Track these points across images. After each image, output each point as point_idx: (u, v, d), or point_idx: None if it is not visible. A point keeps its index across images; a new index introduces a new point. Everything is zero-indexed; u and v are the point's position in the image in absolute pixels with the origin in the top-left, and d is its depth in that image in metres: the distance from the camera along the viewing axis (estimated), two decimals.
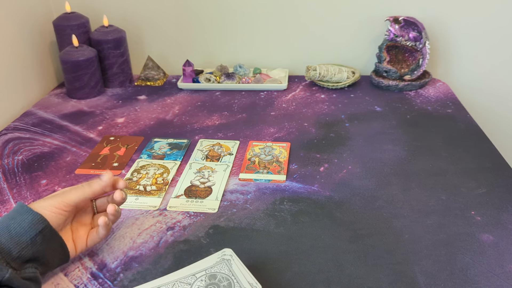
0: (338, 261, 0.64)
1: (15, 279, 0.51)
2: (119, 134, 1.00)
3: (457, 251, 0.65)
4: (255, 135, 0.98)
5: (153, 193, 0.79)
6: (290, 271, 0.62)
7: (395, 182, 0.81)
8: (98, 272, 0.63)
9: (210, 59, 1.31)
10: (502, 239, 0.67)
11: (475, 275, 0.61)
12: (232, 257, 0.58)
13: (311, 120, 1.04)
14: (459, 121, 1.02)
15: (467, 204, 0.75)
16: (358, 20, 1.23)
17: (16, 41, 1.11)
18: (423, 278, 0.61)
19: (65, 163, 0.89)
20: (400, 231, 0.69)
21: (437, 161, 0.87)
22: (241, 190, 0.80)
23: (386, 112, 1.07)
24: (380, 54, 1.19)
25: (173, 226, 0.71)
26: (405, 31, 1.18)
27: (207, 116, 1.07)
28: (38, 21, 1.20)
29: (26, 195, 0.80)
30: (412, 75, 1.17)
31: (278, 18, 1.25)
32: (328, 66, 1.19)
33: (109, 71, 1.21)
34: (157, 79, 1.25)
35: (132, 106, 1.13)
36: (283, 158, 0.89)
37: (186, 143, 0.95)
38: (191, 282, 0.55)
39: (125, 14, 1.27)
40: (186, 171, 0.85)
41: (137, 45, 1.31)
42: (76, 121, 1.06)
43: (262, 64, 1.30)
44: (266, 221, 0.72)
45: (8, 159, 0.90)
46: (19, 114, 1.10)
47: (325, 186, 0.80)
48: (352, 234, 0.69)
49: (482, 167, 0.84)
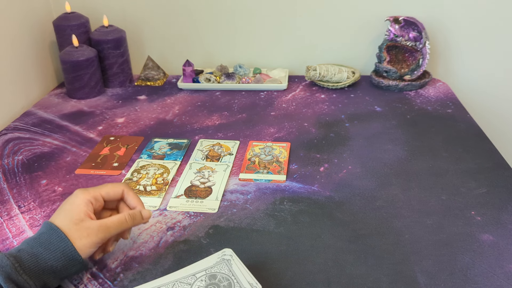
0: (338, 261, 0.64)
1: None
2: (119, 134, 1.00)
3: (457, 251, 0.65)
4: (255, 135, 0.98)
5: (153, 193, 0.79)
6: (290, 271, 0.62)
7: (395, 182, 0.81)
8: (98, 272, 0.63)
9: (210, 59, 1.31)
10: (502, 239, 0.67)
11: (475, 275, 0.61)
12: (232, 257, 0.58)
13: (311, 120, 1.04)
14: (459, 121, 1.02)
15: (467, 204, 0.75)
16: (358, 20, 1.23)
17: (16, 41, 1.11)
18: (423, 278, 0.61)
19: (65, 163, 0.89)
20: (400, 231, 0.69)
21: (437, 161, 0.87)
22: (241, 190, 0.80)
23: (386, 112, 1.07)
24: (380, 54, 1.19)
25: (173, 226, 0.71)
26: (405, 31, 1.18)
27: (207, 116, 1.07)
28: (38, 21, 1.20)
29: (26, 195, 0.80)
30: (412, 75, 1.17)
31: (278, 18, 1.25)
32: (328, 66, 1.19)
33: (109, 71, 1.21)
34: (157, 79, 1.25)
35: (132, 106, 1.13)
36: (283, 158, 0.89)
37: (186, 143, 0.95)
38: (191, 282, 0.55)
39: (125, 14, 1.27)
40: (186, 171, 0.85)
41: (137, 45, 1.31)
42: (76, 121, 1.06)
43: (262, 64, 1.30)
44: (266, 221, 0.72)
45: (8, 159, 0.91)
46: (19, 114, 1.10)
47: (325, 186, 0.80)
48: (352, 234, 0.69)
49: (482, 167, 0.84)
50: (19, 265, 0.53)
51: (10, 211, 0.76)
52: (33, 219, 0.73)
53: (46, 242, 0.56)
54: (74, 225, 0.58)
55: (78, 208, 0.60)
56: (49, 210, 0.76)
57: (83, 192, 0.62)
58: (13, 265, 0.53)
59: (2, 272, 0.52)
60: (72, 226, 0.58)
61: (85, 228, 0.58)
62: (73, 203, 0.60)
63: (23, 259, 0.54)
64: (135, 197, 0.65)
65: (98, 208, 0.63)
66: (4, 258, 0.53)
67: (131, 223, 0.62)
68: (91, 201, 0.61)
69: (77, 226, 0.58)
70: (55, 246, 0.56)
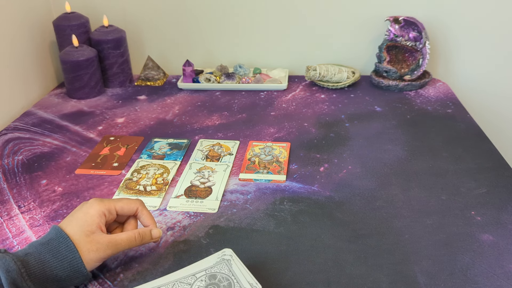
0: (338, 261, 0.64)
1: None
2: (119, 134, 1.00)
3: (457, 251, 0.65)
4: (255, 135, 0.98)
5: (153, 193, 0.79)
6: (290, 271, 0.62)
7: (395, 182, 0.81)
8: (98, 272, 0.63)
9: (210, 59, 1.31)
10: (502, 239, 0.67)
11: (475, 275, 0.61)
12: (232, 257, 0.58)
13: (311, 120, 1.04)
14: (459, 121, 1.02)
15: (467, 204, 0.75)
16: (358, 20, 1.23)
17: (16, 41, 1.11)
18: (423, 278, 0.61)
19: (65, 163, 0.89)
20: (400, 231, 0.69)
21: (437, 161, 0.87)
22: (241, 190, 0.80)
23: (386, 112, 1.07)
24: (380, 54, 1.19)
25: (173, 226, 0.71)
26: (405, 31, 1.18)
27: (207, 116, 1.07)
28: (38, 21, 1.20)
29: (26, 195, 0.80)
30: (412, 75, 1.17)
31: (278, 18, 1.25)
32: (328, 66, 1.19)
33: (109, 71, 1.21)
34: (157, 79, 1.25)
35: (132, 106, 1.13)
36: (283, 158, 0.89)
37: (186, 143, 0.95)
38: (191, 282, 0.55)
39: (125, 14, 1.27)
40: (186, 171, 0.85)
41: (137, 45, 1.31)
42: (76, 121, 1.06)
43: (262, 64, 1.30)
44: (266, 221, 0.72)
45: (8, 159, 0.91)
46: (19, 114, 1.10)
47: (325, 186, 0.80)
48: (352, 234, 0.69)
49: (482, 167, 0.84)
50: (25, 270, 0.53)
51: (10, 211, 0.76)
52: (33, 219, 0.73)
53: (54, 249, 0.56)
54: (85, 236, 0.58)
55: (92, 219, 0.59)
56: (49, 210, 0.76)
57: (98, 203, 0.61)
58: (19, 271, 0.52)
59: (8, 277, 0.51)
60: (83, 237, 0.58)
61: (95, 241, 0.58)
62: (87, 213, 0.60)
63: (30, 264, 0.53)
64: (149, 215, 0.65)
65: (109, 221, 0.63)
66: (12, 262, 0.52)
67: (139, 242, 0.62)
68: (105, 213, 0.61)
69: (88, 238, 0.58)
70: (63, 255, 0.56)
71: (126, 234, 0.61)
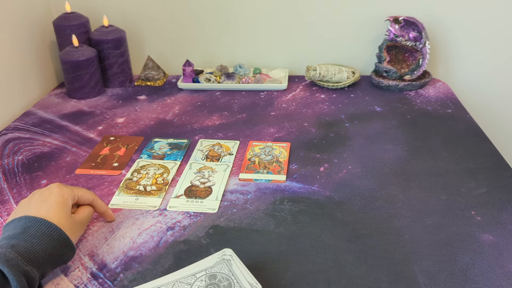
0: (338, 261, 0.64)
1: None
2: (119, 134, 1.00)
3: (457, 251, 0.65)
4: (255, 135, 0.98)
5: (153, 193, 0.79)
6: (290, 271, 0.62)
7: (395, 182, 0.81)
8: (98, 272, 0.63)
9: (210, 59, 1.31)
10: (502, 239, 0.67)
11: (475, 275, 0.61)
12: (232, 257, 0.58)
13: (311, 120, 1.04)
14: (459, 121, 1.02)
15: (467, 204, 0.75)
16: (358, 20, 1.23)
17: (16, 41, 1.11)
18: (423, 278, 0.61)
19: (65, 163, 0.89)
20: (400, 231, 0.69)
21: (437, 161, 0.87)
22: (241, 190, 0.80)
23: (386, 112, 1.07)
24: (380, 54, 1.19)
25: (173, 226, 0.71)
26: (405, 31, 1.18)
27: (207, 116, 1.07)
28: (38, 21, 1.20)
29: (26, 195, 0.80)
30: (412, 75, 1.17)
31: (278, 18, 1.25)
32: (328, 66, 1.19)
33: (109, 71, 1.21)
34: (157, 79, 1.25)
35: (132, 106, 1.13)
36: (283, 158, 0.89)
37: (186, 143, 0.95)
38: (191, 282, 0.55)
39: (125, 14, 1.27)
40: (186, 171, 0.85)
41: (137, 45, 1.31)
42: (76, 121, 1.06)
43: (262, 64, 1.30)
44: (266, 221, 0.72)
45: (8, 159, 0.91)
46: (19, 114, 1.10)
47: (325, 186, 0.80)
48: (352, 234, 0.69)
49: (482, 167, 0.84)
50: (21, 258, 0.54)
51: (10, 211, 0.76)
52: None
53: (38, 233, 0.57)
54: (67, 218, 0.62)
55: (67, 202, 0.63)
56: None
57: (67, 188, 0.65)
58: (17, 258, 0.53)
59: (9, 265, 0.51)
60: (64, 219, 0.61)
61: (72, 223, 0.63)
62: (63, 196, 0.63)
63: (21, 252, 0.55)
64: (103, 203, 0.71)
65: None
66: (8, 251, 0.53)
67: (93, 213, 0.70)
68: (74, 198, 0.66)
69: (70, 219, 0.63)
70: (49, 235, 0.58)
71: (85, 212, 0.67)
